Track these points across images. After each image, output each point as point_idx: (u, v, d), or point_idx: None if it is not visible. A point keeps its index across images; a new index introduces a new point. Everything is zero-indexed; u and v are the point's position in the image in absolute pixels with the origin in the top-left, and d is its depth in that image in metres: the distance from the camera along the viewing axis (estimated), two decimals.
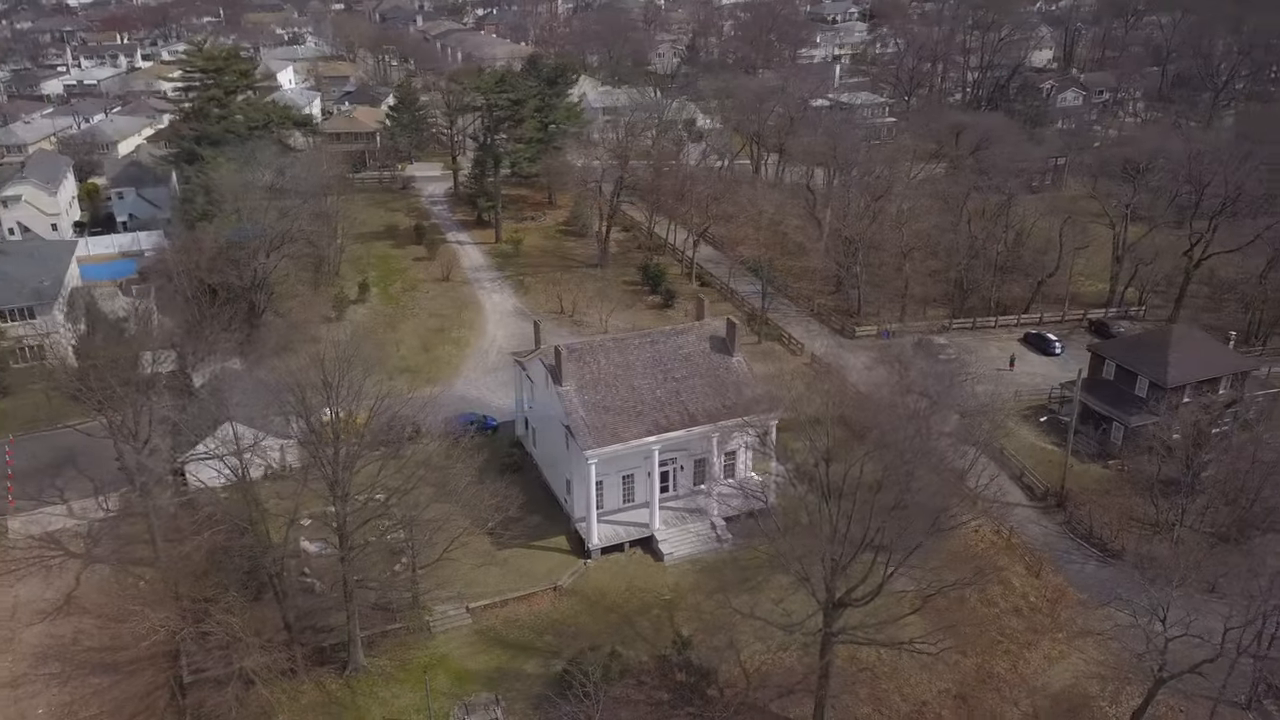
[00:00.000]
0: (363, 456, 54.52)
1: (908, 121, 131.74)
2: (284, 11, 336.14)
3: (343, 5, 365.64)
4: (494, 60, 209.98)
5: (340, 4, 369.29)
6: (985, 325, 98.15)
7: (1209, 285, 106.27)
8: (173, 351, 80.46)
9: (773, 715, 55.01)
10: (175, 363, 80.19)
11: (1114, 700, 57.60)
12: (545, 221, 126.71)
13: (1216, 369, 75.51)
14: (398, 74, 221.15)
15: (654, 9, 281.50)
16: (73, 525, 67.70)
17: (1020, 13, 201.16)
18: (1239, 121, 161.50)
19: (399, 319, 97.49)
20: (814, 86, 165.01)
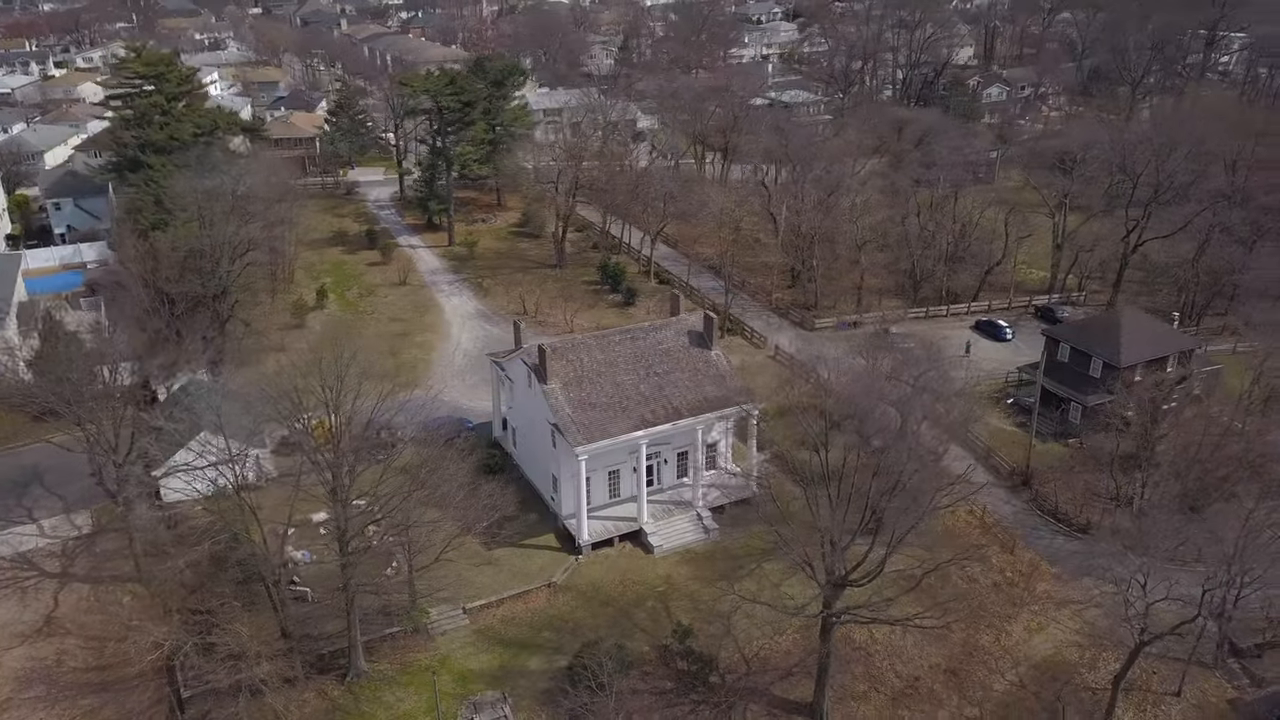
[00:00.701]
0: (363, 461, 54.16)
1: (849, 117, 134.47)
2: (201, 17, 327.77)
3: (260, 10, 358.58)
4: (428, 64, 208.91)
5: (257, 9, 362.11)
6: (937, 314, 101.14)
7: (1142, 270, 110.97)
8: (133, 364, 78.72)
9: (774, 698, 56.31)
10: (137, 375, 78.38)
11: (1091, 666, 60.21)
12: (496, 223, 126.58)
13: (1164, 348, 79.27)
14: (326, 79, 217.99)
15: (581, 11, 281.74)
16: (45, 544, 65.78)
17: (941, 11, 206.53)
18: (1153, 114, 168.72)
19: (360, 324, 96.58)
20: (751, 86, 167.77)
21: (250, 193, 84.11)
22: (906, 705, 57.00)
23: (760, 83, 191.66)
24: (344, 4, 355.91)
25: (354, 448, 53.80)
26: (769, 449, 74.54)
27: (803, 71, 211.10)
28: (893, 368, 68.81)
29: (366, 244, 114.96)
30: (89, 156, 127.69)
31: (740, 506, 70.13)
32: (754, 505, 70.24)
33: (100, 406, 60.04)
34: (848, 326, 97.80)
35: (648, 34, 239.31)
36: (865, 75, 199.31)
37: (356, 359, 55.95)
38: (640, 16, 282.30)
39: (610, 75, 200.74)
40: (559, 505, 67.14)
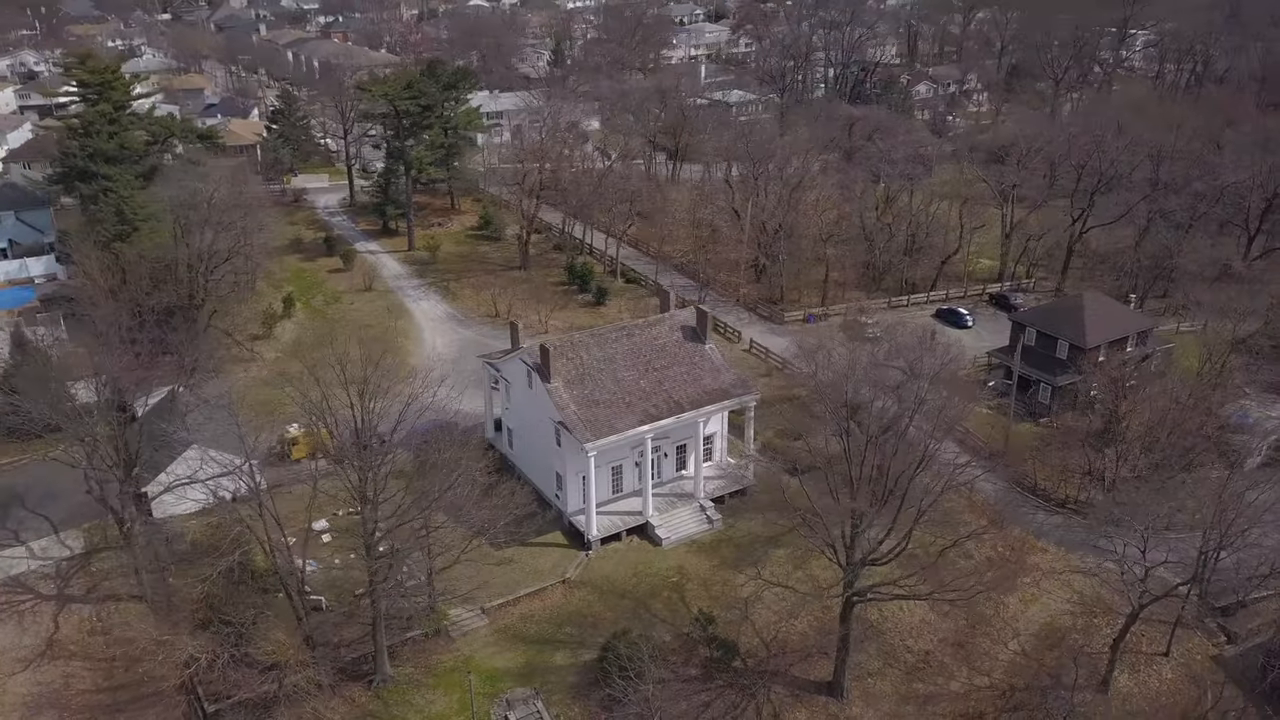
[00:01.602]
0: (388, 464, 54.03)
1: (799, 115, 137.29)
2: (109, 23, 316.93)
3: (169, 15, 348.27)
4: (359, 68, 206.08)
5: (165, 14, 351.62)
6: (899, 304, 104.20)
7: (1083, 257, 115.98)
8: (106, 380, 76.61)
9: (795, 679, 57.84)
10: (112, 391, 76.25)
11: (1085, 633, 63.16)
12: (452, 227, 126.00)
13: (1124, 329, 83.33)
14: (257, 86, 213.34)
15: (508, 14, 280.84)
16: (37, 567, 63.72)
17: (865, 12, 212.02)
18: (1077, 108, 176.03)
19: (331, 332, 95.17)
20: (690, 86, 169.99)
21: (226, 200, 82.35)
22: (921, 679, 59.18)
23: (696, 83, 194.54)
24: (258, 9, 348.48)
25: (383, 451, 53.54)
26: (759, 439, 76.17)
27: (735, 71, 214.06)
28: (887, 354, 70.96)
29: (325, 251, 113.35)
30: (21, 167, 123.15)
31: (738, 497, 71.79)
32: (752, 495, 72.34)
33: (101, 421, 58.42)
34: (815, 320, 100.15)
35: (580, 35, 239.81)
36: (797, 75, 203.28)
37: (381, 360, 55.42)
38: (566, 20, 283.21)
39: (548, 78, 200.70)
40: (564, 503, 67.69)
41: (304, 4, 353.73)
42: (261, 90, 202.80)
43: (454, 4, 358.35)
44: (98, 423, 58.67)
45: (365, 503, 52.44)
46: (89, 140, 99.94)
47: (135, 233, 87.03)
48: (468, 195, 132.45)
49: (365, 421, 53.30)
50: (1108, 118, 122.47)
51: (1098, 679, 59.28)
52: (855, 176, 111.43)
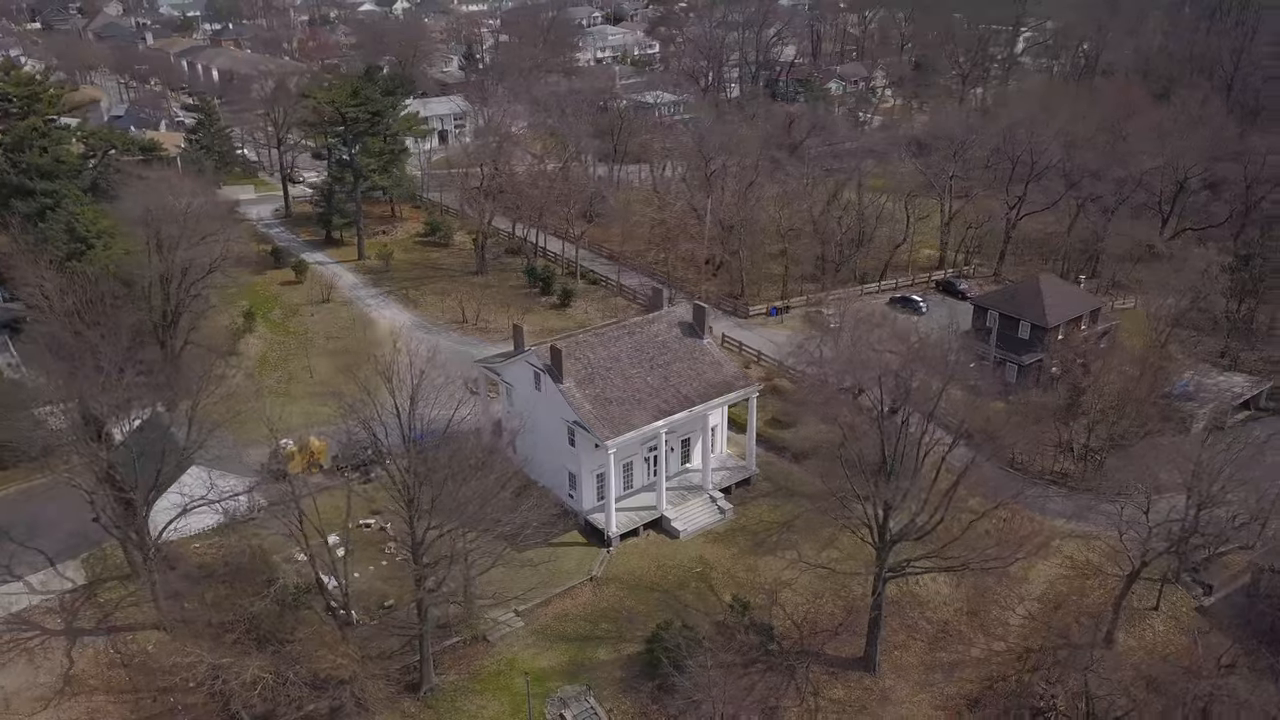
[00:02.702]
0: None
1: (736, 114, 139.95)
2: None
3: (39, 24, 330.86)
4: (264, 76, 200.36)
5: (35, 23, 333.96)
6: (854, 295, 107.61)
7: (1014, 242, 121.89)
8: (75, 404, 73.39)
9: (829, 657, 59.76)
10: (84, 416, 73.02)
11: (1081, 594, 67.09)
12: (397, 235, 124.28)
13: (1079, 308, 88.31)
14: (154, 96, 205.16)
15: (411, 19, 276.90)
16: (39, 601, 60.81)
17: (775, 11, 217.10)
18: (978, 103, 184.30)
19: (298, 345, 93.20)
20: (608, 88, 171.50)
21: (202, 211, 79.68)
22: (943, 648, 61.91)
23: (613, 84, 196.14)
24: (138, 17, 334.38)
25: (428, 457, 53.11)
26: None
27: (646, 73, 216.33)
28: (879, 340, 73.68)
29: (273, 263, 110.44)
30: None
31: (743, 486, 73.49)
32: (755, 484, 74.14)
33: (99, 447, 56.33)
34: (778, 312, 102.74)
35: (492, 39, 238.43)
36: (710, 75, 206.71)
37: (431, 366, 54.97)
38: (466, 23, 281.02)
39: (464, 83, 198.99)
40: (579, 502, 68.11)
41: (187, 12, 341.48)
42: (166, 101, 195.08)
43: (345, 10, 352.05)
44: (102, 448, 56.30)
45: (413, 508, 51.93)
46: (20, 155, 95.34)
47: (90, 250, 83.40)
48: (407, 202, 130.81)
49: (413, 426, 52.57)
50: (1028, 111, 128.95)
51: (1101, 636, 63.02)
52: (804, 172, 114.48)
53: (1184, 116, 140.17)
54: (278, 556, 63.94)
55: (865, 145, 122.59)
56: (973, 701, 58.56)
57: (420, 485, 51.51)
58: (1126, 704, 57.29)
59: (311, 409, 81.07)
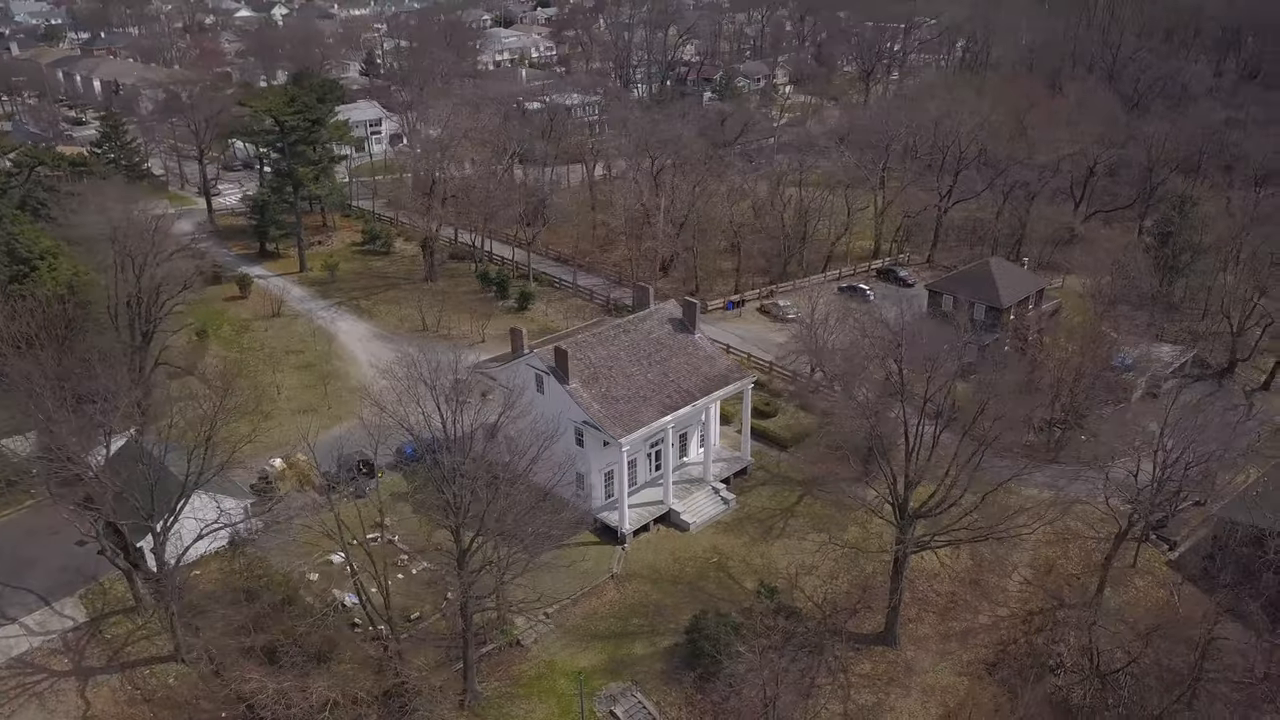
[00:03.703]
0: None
1: (661, 114, 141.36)
2: None
3: None
4: (153, 86, 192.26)
5: None
6: (803, 286, 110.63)
7: (942, 230, 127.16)
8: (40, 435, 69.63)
9: (851, 634, 61.69)
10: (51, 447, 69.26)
11: (1065, 557, 71.05)
12: (333, 244, 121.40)
13: (1028, 289, 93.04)
14: (49, 110, 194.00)
15: (304, 25, 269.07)
16: (40, 643, 57.52)
17: (681, 11, 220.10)
18: (883, 96, 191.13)
19: (258, 361, 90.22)
20: (515, 90, 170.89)
21: (167, 226, 76.37)
22: (954, 617, 64.68)
23: (519, 86, 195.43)
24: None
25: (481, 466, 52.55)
26: (734, 421, 79.59)
27: (551, 75, 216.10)
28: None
29: (211, 279, 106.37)
30: None
31: (740, 476, 74.98)
32: (751, 473, 75.77)
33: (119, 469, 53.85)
34: (734, 306, 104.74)
35: (392, 44, 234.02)
36: (617, 75, 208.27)
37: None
38: (358, 28, 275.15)
39: (369, 88, 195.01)
40: (588, 501, 68.30)
41: (49, 20, 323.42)
42: (52, 114, 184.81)
43: (220, 16, 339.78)
44: (111, 478, 53.88)
45: (460, 516, 51.41)
46: None
47: (34, 272, 78.97)
48: (336, 211, 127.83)
49: (456, 432, 52.03)
50: (943, 104, 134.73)
51: (1090, 594, 66.98)
52: (749, 168, 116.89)
53: (1079, 107, 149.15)
54: (284, 576, 62.22)
55: (801, 141, 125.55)
56: (990, 665, 61.44)
57: (471, 496, 50.99)
58: (1125, 657, 61.23)
59: (288, 425, 78.86)
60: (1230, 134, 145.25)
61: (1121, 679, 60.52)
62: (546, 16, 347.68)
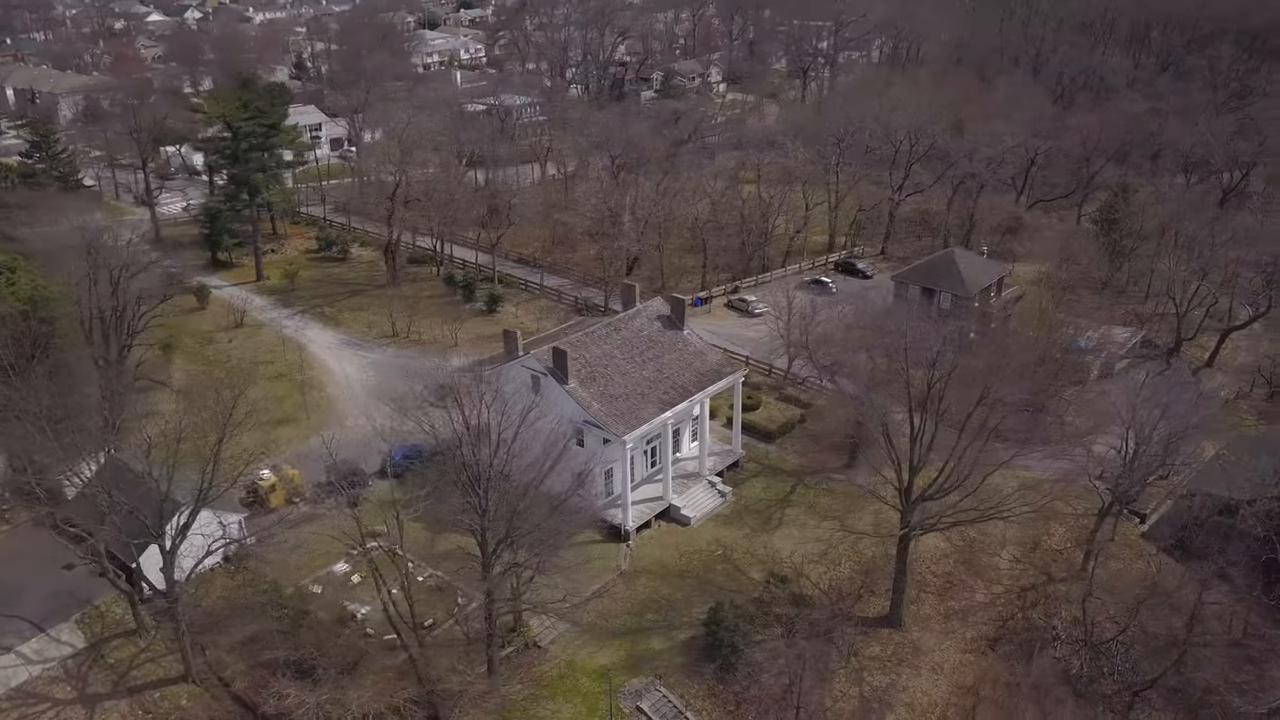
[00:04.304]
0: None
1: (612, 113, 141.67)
2: None
3: None
4: (71, 92, 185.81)
5: None
6: (765, 281, 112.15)
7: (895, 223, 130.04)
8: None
9: (858, 618, 62.99)
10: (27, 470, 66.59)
11: (1047, 534, 73.52)
12: (287, 252, 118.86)
13: (990, 277, 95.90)
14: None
15: (228, 28, 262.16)
16: (40, 671, 55.40)
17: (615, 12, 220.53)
18: (820, 93, 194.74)
19: (228, 374, 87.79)
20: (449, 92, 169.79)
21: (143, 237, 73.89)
22: (951, 597, 66.50)
23: (450, 88, 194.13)
24: None
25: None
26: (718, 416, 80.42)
27: (489, 76, 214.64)
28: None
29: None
30: None
31: (733, 469, 75.86)
32: (743, 465, 76.73)
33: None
34: (702, 302, 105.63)
35: (323, 46, 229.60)
36: (554, 76, 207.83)
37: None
38: (282, 31, 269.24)
39: (302, 92, 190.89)
40: (588, 500, 68.18)
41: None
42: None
43: (133, 21, 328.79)
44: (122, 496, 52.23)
45: (485, 518, 51.13)
46: None
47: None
48: (287, 218, 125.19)
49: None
50: (885, 100, 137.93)
51: (1076, 568, 69.61)
52: (710, 167, 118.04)
53: (1010, 101, 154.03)
54: (290, 591, 61.03)
55: (758, 138, 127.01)
56: (992, 641, 63.35)
57: (500, 502, 50.77)
58: (1114, 627, 63.83)
59: (269, 437, 77.10)
60: (1152, 124, 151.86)
61: (1113, 648, 63.14)
62: (471, 18, 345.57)
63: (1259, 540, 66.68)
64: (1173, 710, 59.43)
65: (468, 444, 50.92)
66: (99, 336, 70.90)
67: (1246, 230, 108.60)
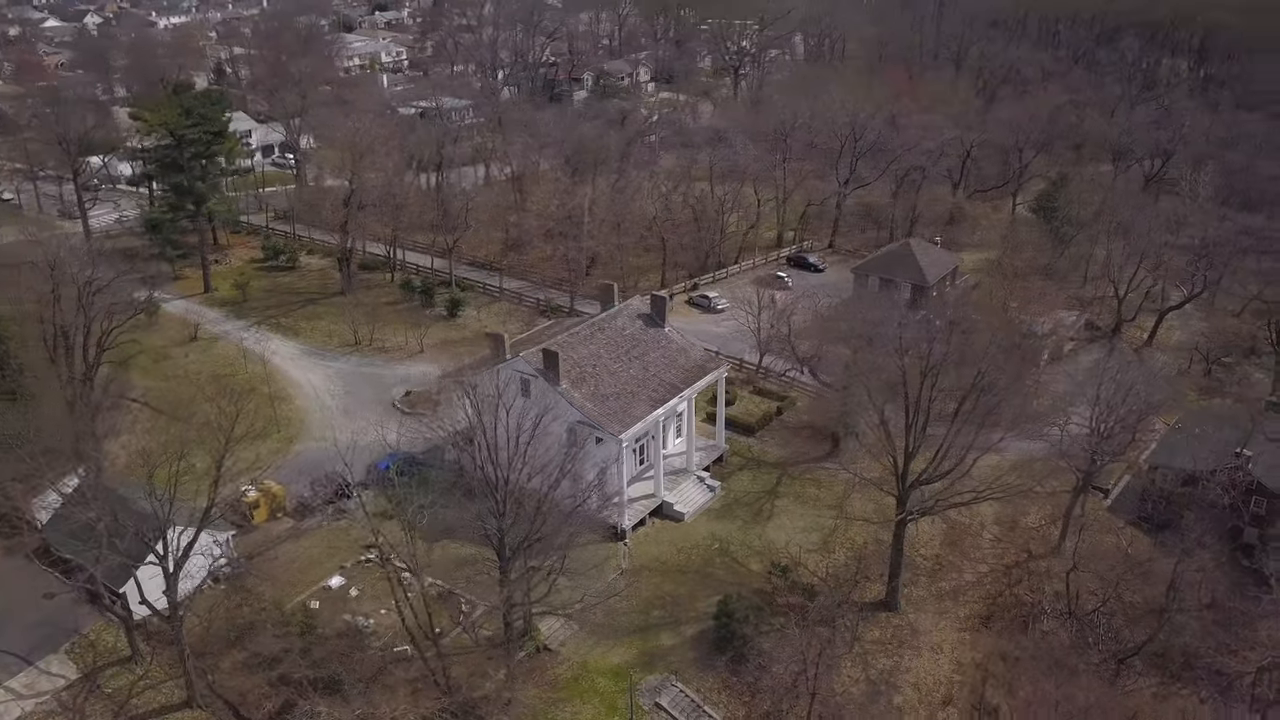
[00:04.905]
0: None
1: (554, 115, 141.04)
2: None
3: None
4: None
5: None
6: (721, 278, 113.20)
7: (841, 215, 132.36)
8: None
9: (856, 603, 64.18)
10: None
11: (1021, 513, 75.95)
12: (232, 262, 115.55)
13: (946, 266, 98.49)
14: None
15: (140, 34, 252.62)
16: (33, 706, 52.99)
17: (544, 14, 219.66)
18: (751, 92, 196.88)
19: (188, 388, 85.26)
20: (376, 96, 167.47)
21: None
22: (941, 578, 68.30)
23: (380, 92, 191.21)
24: None
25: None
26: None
27: (418, 80, 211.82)
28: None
29: None
30: None
31: (718, 464, 76.52)
32: (726, 460, 77.47)
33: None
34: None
35: (239, 52, 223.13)
36: (484, 77, 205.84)
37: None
38: (191, 36, 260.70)
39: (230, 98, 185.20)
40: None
41: None
42: None
43: (27, 27, 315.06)
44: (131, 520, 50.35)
45: (503, 521, 50.74)
46: None
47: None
48: (227, 227, 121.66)
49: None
50: (822, 96, 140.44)
51: (1053, 544, 72.10)
52: (661, 166, 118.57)
53: (938, 95, 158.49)
54: (289, 607, 59.69)
55: (709, 135, 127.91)
56: (984, 619, 65.30)
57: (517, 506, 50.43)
58: (1095, 599, 66.34)
59: (243, 452, 74.85)
60: (1071, 115, 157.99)
61: (1096, 619, 65.65)
62: (386, 21, 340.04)
63: (1225, 508, 70.26)
64: (1157, 674, 62.13)
65: (487, 449, 50.36)
66: (63, 355, 67.98)
67: (1172, 215, 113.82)
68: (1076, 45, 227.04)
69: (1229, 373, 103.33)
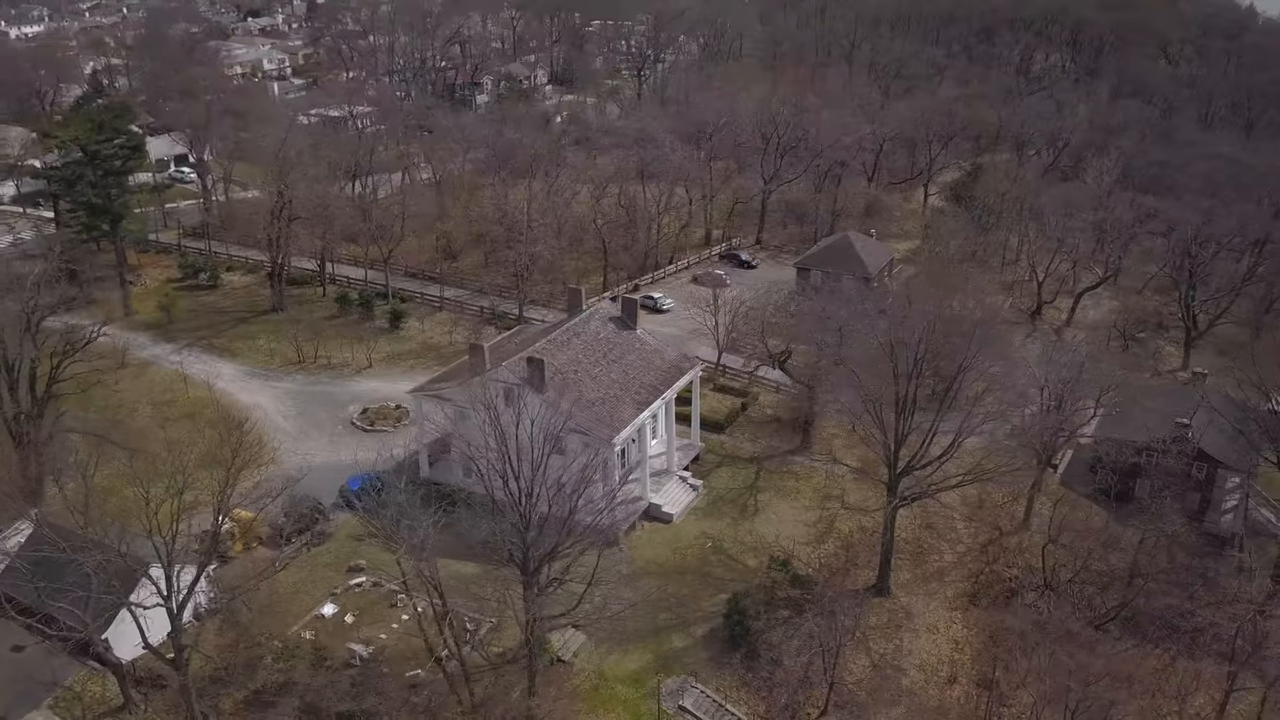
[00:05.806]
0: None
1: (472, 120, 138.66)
2: None
3: None
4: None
5: None
6: (660, 278, 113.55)
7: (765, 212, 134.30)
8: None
9: (850, 591, 65.23)
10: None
11: (986, 492, 78.35)
12: (146, 283, 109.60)
13: (883, 258, 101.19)
14: None
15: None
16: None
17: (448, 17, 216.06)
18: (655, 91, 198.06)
19: (131, 418, 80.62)
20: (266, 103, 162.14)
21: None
22: (924, 562, 70.26)
23: (269, 100, 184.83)
24: None
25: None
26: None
27: (312, 88, 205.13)
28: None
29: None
30: None
31: (696, 463, 76.78)
32: (703, 458, 77.74)
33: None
34: (610, 301, 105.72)
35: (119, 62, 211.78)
36: (380, 83, 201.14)
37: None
38: (54, 47, 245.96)
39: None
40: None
41: None
42: None
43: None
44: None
45: (527, 532, 49.79)
46: None
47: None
48: (135, 246, 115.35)
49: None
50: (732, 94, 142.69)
51: (1019, 520, 75.07)
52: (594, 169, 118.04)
53: (840, 91, 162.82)
54: (278, 642, 57.13)
55: (640, 135, 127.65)
56: (971, 597, 67.48)
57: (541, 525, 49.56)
58: (1068, 570, 69.41)
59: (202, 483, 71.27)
60: (964, 110, 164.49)
61: (1069, 589, 68.67)
62: (260, 27, 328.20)
63: (1177, 476, 74.45)
64: (1132, 637, 65.31)
65: (507, 462, 49.39)
66: (6, 389, 63.26)
67: (1073, 200, 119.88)
68: (957, 42, 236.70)
69: (1143, 347, 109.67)
